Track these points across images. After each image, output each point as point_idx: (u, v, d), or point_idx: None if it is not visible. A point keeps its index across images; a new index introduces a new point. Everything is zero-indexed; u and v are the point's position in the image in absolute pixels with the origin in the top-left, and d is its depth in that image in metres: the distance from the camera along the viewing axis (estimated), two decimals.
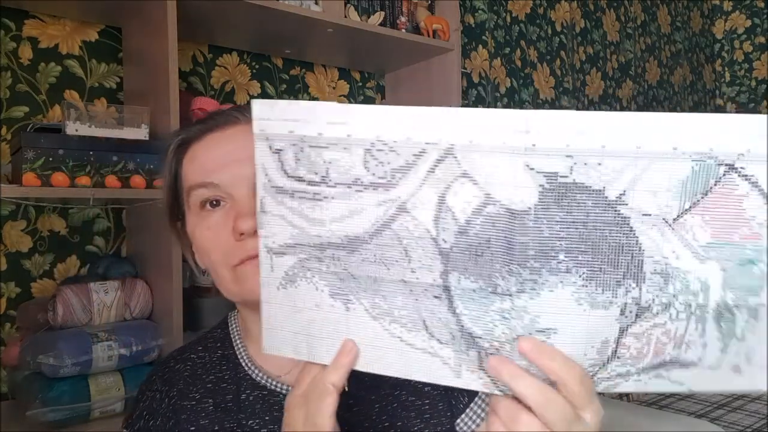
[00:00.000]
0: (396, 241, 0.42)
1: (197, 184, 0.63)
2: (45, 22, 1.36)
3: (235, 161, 0.62)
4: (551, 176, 0.37)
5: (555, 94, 2.59)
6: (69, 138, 1.10)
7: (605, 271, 0.38)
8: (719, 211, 0.37)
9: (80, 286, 1.16)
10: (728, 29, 3.57)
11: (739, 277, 0.38)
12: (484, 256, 0.40)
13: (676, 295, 0.39)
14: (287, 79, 1.77)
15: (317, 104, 0.43)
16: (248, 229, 0.59)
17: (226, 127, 0.65)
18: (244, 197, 0.61)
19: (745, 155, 0.36)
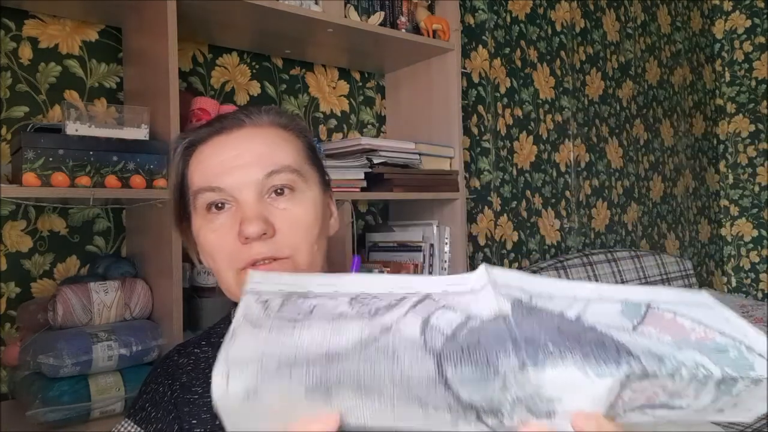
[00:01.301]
0: (382, 354, 0.41)
1: (203, 187, 0.64)
2: (45, 22, 1.36)
3: (241, 165, 0.63)
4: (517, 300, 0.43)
5: (555, 94, 2.59)
6: (69, 138, 1.10)
7: (597, 355, 0.40)
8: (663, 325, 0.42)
9: (80, 286, 1.16)
10: (728, 29, 3.57)
11: (723, 361, 0.41)
12: (477, 350, 0.41)
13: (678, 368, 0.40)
14: (287, 79, 1.77)
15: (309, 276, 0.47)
16: (253, 233, 0.60)
17: (232, 131, 0.65)
18: (249, 201, 0.62)
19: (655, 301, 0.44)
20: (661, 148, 3.16)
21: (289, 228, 0.63)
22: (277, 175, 0.64)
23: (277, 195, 0.64)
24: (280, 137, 0.67)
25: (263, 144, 0.65)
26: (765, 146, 3.43)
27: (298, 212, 0.64)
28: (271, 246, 0.62)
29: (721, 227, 3.58)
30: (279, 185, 0.64)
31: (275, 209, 0.63)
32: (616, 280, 2.32)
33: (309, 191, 0.66)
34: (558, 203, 2.57)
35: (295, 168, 0.65)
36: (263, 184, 0.63)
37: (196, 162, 0.66)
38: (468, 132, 2.21)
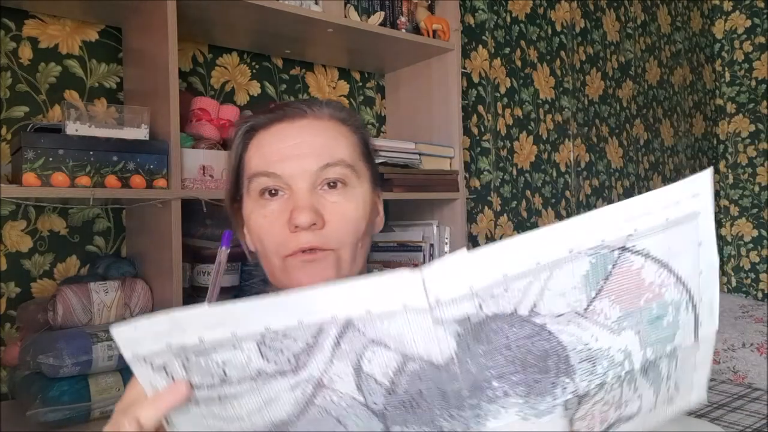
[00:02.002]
0: (326, 414, 0.40)
1: (259, 172, 0.65)
2: (45, 22, 1.36)
3: (298, 155, 0.64)
4: (464, 321, 0.37)
5: (555, 94, 2.59)
6: (69, 138, 1.10)
7: (538, 381, 0.40)
8: (622, 288, 0.40)
9: (80, 286, 1.16)
10: (728, 29, 3.57)
11: (653, 334, 0.42)
12: (421, 407, 0.39)
13: (605, 373, 0.41)
14: (287, 79, 1.77)
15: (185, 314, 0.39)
16: (303, 223, 0.61)
17: (294, 119, 0.67)
18: (302, 191, 0.63)
19: (633, 235, 0.39)
20: (661, 148, 3.16)
21: (338, 221, 0.64)
22: (332, 168, 0.65)
23: (330, 188, 0.65)
24: (339, 131, 0.68)
25: (321, 136, 0.66)
26: (765, 146, 3.43)
27: (347, 207, 0.65)
28: (319, 237, 0.63)
29: (721, 227, 3.58)
30: (332, 178, 0.65)
31: (326, 201, 0.64)
32: None
33: (360, 187, 0.67)
34: (558, 203, 2.58)
35: (350, 163, 0.66)
36: (317, 175, 0.64)
37: (255, 146, 0.67)
38: (468, 132, 2.21)
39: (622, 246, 0.39)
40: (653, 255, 0.40)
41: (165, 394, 0.41)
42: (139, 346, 0.40)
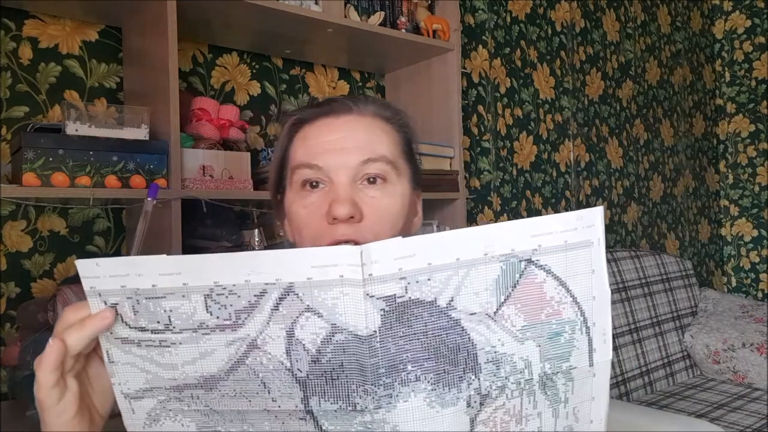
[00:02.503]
0: (252, 375, 0.44)
1: (302, 164, 0.67)
2: (45, 22, 1.36)
3: (341, 149, 0.65)
4: (390, 299, 0.41)
5: (555, 94, 2.59)
6: (69, 138, 1.10)
7: (448, 371, 0.44)
8: (527, 298, 0.45)
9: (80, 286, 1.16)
10: (728, 29, 3.57)
11: (551, 349, 0.46)
12: (339, 379, 0.43)
13: (507, 377, 0.45)
14: (287, 79, 1.77)
15: (145, 259, 0.42)
16: (341, 215, 0.62)
17: (339, 115, 0.68)
18: (343, 184, 0.65)
19: (538, 250, 0.44)
20: (661, 148, 3.16)
21: (376, 216, 0.65)
22: (373, 164, 0.66)
23: (369, 183, 0.66)
24: (382, 128, 0.69)
25: (365, 132, 0.68)
26: (765, 146, 3.43)
27: (386, 203, 0.66)
28: (356, 230, 0.64)
29: (721, 227, 3.58)
30: (372, 174, 0.66)
31: (365, 196, 0.66)
32: (616, 280, 2.32)
33: (399, 185, 0.68)
34: (558, 203, 2.57)
35: (391, 160, 0.67)
36: (358, 170, 0.66)
37: (300, 139, 0.69)
38: (468, 132, 2.21)
39: (529, 258, 0.44)
40: (554, 272, 0.45)
41: (92, 319, 0.45)
42: (98, 282, 0.45)
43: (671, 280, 2.57)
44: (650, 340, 2.34)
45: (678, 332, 2.48)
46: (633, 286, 2.38)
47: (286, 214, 0.71)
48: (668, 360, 2.38)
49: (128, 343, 0.46)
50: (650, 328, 2.37)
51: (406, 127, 0.73)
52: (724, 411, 2.05)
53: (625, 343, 2.23)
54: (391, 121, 0.71)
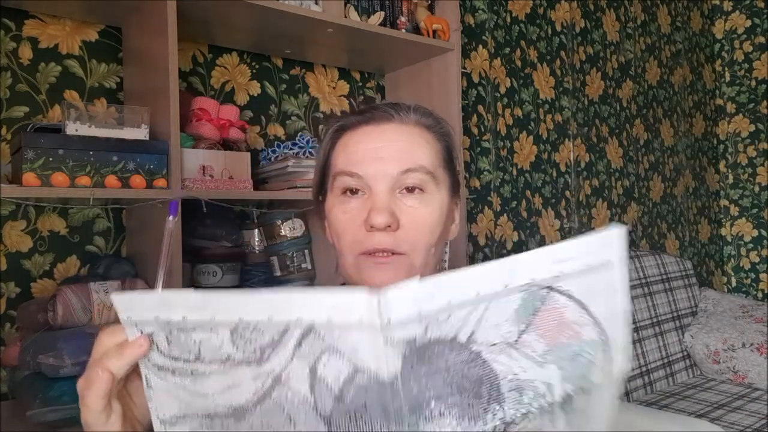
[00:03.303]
0: (279, 408, 0.44)
1: (343, 171, 0.68)
2: (45, 22, 1.36)
3: (381, 158, 0.67)
4: (410, 342, 0.41)
5: (555, 94, 2.59)
6: (69, 138, 1.10)
7: (473, 405, 0.44)
8: (548, 324, 0.45)
9: (80, 286, 1.16)
10: (728, 29, 3.57)
11: (572, 370, 0.46)
12: (363, 418, 0.43)
13: (530, 403, 0.46)
14: (287, 79, 1.77)
15: (175, 295, 0.45)
16: (379, 223, 0.64)
17: (380, 123, 0.69)
18: (382, 192, 0.66)
19: (560, 276, 0.44)
20: (661, 148, 3.16)
21: (412, 226, 0.66)
22: (412, 174, 0.67)
23: (408, 192, 0.67)
24: (422, 137, 0.70)
25: (405, 141, 0.68)
26: (765, 146, 3.43)
27: (423, 212, 0.67)
28: (392, 239, 0.66)
29: (721, 227, 3.58)
30: (411, 184, 0.67)
31: (403, 205, 0.67)
32: None
33: (438, 194, 0.69)
34: (558, 203, 2.58)
35: (429, 170, 0.68)
36: (397, 179, 0.67)
37: (342, 145, 0.70)
38: (468, 132, 2.21)
39: (550, 286, 0.44)
40: (575, 296, 0.45)
41: (130, 347, 0.48)
42: (133, 313, 0.47)
43: (671, 280, 2.57)
44: (650, 340, 2.34)
45: (678, 332, 2.48)
46: (633, 286, 2.38)
47: (327, 217, 0.72)
48: (668, 360, 2.38)
49: (163, 371, 0.48)
50: (650, 328, 2.37)
51: (447, 135, 0.74)
52: (724, 411, 2.05)
53: None
54: (432, 129, 0.72)
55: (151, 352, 0.48)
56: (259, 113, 1.71)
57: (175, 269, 1.19)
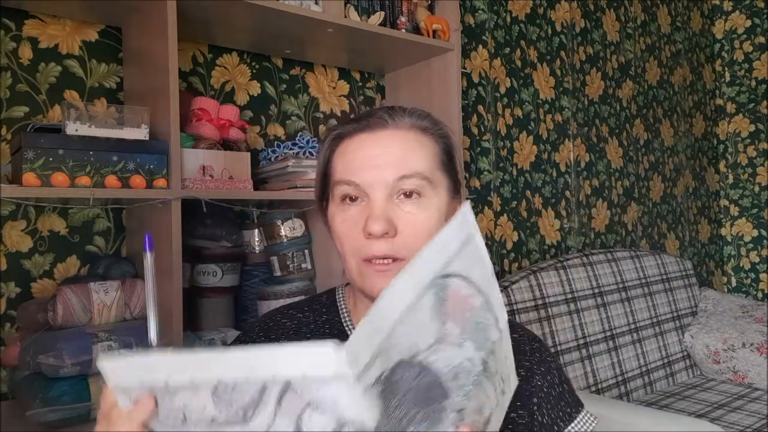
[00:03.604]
0: None
1: (341, 180, 0.69)
2: (45, 22, 1.36)
3: (377, 165, 0.68)
4: (379, 379, 0.42)
5: (555, 94, 2.59)
6: (69, 138, 1.10)
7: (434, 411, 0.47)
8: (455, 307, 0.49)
9: (80, 286, 1.16)
10: (728, 29, 3.57)
11: (479, 338, 0.51)
12: None
13: (465, 383, 0.49)
14: (287, 79, 1.77)
15: (152, 359, 0.46)
16: (375, 232, 0.65)
17: (376, 130, 0.70)
18: (378, 200, 0.67)
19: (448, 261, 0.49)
20: (661, 148, 3.16)
21: (411, 231, 0.67)
22: (408, 180, 0.68)
23: (405, 198, 0.68)
24: (418, 141, 0.70)
25: (400, 147, 0.69)
26: (765, 146, 3.43)
27: (421, 217, 0.68)
28: (391, 245, 0.67)
29: (721, 227, 3.58)
30: (407, 189, 0.68)
31: (401, 211, 0.68)
32: (616, 280, 2.32)
33: (436, 197, 0.70)
34: (558, 203, 2.58)
35: (426, 175, 0.69)
36: (394, 186, 0.67)
37: (340, 153, 0.71)
38: (468, 132, 2.21)
39: (445, 273, 0.48)
40: (461, 273, 0.49)
41: (134, 411, 0.48)
42: (119, 379, 0.47)
43: (671, 280, 2.57)
44: (650, 340, 2.34)
45: (678, 332, 2.48)
46: (633, 286, 2.38)
47: (330, 224, 0.74)
48: (668, 360, 2.38)
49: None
50: (650, 328, 2.37)
51: (445, 137, 0.74)
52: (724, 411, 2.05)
53: (625, 343, 2.23)
54: (430, 131, 0.72)
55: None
56: (259, 113, 1.71)
57: (175, 269, 1.19)
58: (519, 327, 0.80)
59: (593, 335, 2.13)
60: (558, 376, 0.77)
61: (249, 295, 1.57)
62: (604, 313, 2.21)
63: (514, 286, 1.97)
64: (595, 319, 2.17)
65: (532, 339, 0.78)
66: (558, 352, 1.99)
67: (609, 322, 2.21)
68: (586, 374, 2.05)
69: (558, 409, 0.74)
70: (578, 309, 2.12)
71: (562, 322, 2.05)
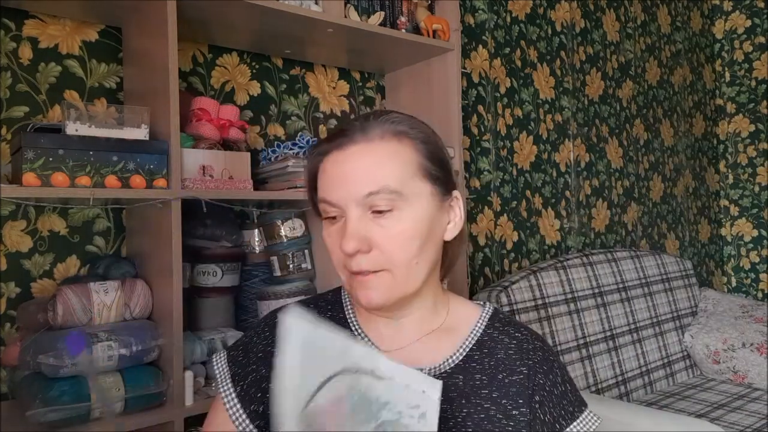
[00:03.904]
0: None
1: (322, 199, 0.71)
2: (45, 22, 1.36)
3: (348, 182, 0.68)
4: None
5: (555, 94, 2.59)
6: (69, 138, 1.10)
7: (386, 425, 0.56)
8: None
9: (80, 286, 1.16)
10: (728, 29, 3.57)
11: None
12: None
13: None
14: (287, 79, 1.77)
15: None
16: (347, 251, 0.67)
17: (346, 147, 0.70)
18: (352, 218, 0.68)
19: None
20: (661, 148, 3.17)
21: (387, 245, 0.68)
22: (376, 196, 0.67)
23: (378, 213, 0.68)
24: (389, 152, 0.69)
25: (369, 163, 0.69)
26: (765, 146, 3.43)
27: (395, 231, 0.68)
28: (368, 260, 0.68)
29: (721, 227, 3.58)
30: (378, 206, 0.68)
31: (376, 225, 0.68)
32: (616, 280, 2.32)
33: (410, 208, 0.69)
34: (558, 203, 2.58)
35: (394, 189, 0.68)
36: (364, 201, 0.68)
37: (321, 171, 0.72)
38: (468, 132, 2.21)
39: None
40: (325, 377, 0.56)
41: None
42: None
43: (671, 280, 2.57)
44: (650, 340, 2.34)
45: (678, 332, 2.48)
46: (633, 286, 2.38)
47: None
48: (668, 360, 2.38)
49: None
50: (650, 328, 2.37)
51: (426, 138, 0.73)
52: (724, 411, 2.05)
53: (625, 343, 2.23)
54: (407, 136, 0.71)
55: None
56: (259, 113, 1.71)
57: (175, 269, 1.19)
58: (522, 326, 0.80)
59: (593, 335, 2.13)
60: (561, 375, 0.77)
61: (249, 295, 1.57)
62: (604, 313, 2.21)
63: (514, 286, 1.96)
64: (595, 319, 2.17)
65: (534, 338, 0.79)
66: (558, 352, 1.99)
67: (609, 322, 2.21)
68: (586, 374, 2.05)
69: (560, 407, 0.74)
70: (578, 309, 2.12)
71: (562, 322, 2.05)
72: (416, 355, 0.74)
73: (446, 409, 0.70)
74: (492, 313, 0.81)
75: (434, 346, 0.76)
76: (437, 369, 0.74)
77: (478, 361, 0.75)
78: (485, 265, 2.26)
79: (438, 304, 0.78)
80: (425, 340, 0.76)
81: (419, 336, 0.76)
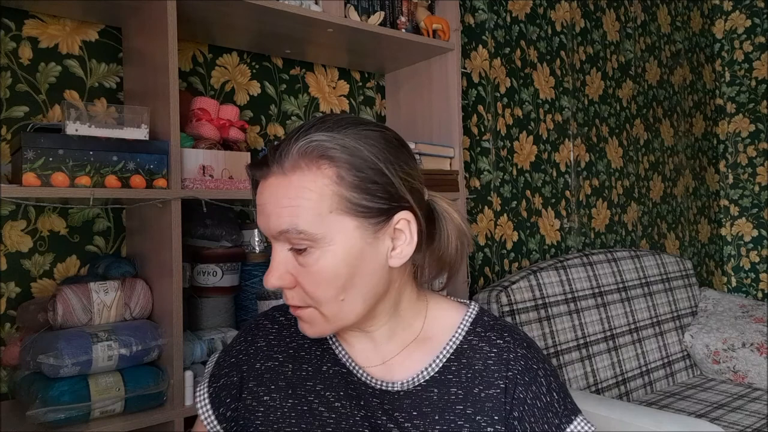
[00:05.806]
0: None
1: None
2: (45, 22, 1.36)
3: (265, 215, 0.65)
4: None
5: (555, 94, 2.59)
6: (69, 138, 1.10)
7: None
8: None
9: (80, 286, 1.16)
10: (728, 29, 3.57)
11: None
12: None
13: None
14: (287, 79, 1.77)
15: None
16: (268, 287, 0.65)
17: (266, 176, 0.66)
18: (277, 252, 0.66)
19: None
20: (661, 148, 3.16)
21: (307, 284, 0.65)
22: (287, 234, 0.63)
23: (296, 252, 0.65)
24: (301, 186, 0.62)
25: (279, 198, 0.63)
26: (765, 146, 3.43)
27: (314, 269, 0.64)
28: (295, 296, 0.66)
29: (721, 227, 3.58)
30: (292, 244, 0.64)
31: (296, 262, 0.65)
32: (616, 280, 2.32)
33: (328, 246, 0.63)
34: (558, 203, 2.58)
35: (302, 230, 0.62)
36: (280, 238, 0.65)
37: None
38: (468, 132, 2.21)
39: None
40: None
41: None
42: None
43: (671, 280, 2.57)
44: (650, 340, 2.34)
45: (678, 332, 2.48)
46: (633, 286, 2.38)
47: None
48: (668, 360, 2.38)
49: None
50: (650, 328, 2.37)
51: (352, 161, 0.63)
52: (724, 411, 2.05)
53: (625, 343, 2.23)
54: (328, 162, 0.62)
55: None
56: (259, 113, 1.71)
57: (175, 269, 1.19)
58: (506, 330, 0.74)
59: (593, 335, 2.13)
60: (546, 384, 0.71)
61: (249, 295, 1.57)
62: (604, 313, 2.21)
63: (514, 286, 1.97)
64: (595, 319, 2.17)
65: (518, 344, 0.72)
66: (558, 352, 1.99)
67: (609, 322, 2.21)
68: (586, 374, 2.05)
69: (544, 421, 0.69)
70: (578, 309, 2.12)
71: (562, 322, 2.05)
72: (390, 368, 0.72)
73: (419, 425, 0.68)
74: (475, 317, 0.75)
75: (409, 358, 0.72)
76: (411, 383, 0.70)
77: (455, 373, 0.71)
78: (485, 265, 2.26)
79: (411, 312, 0.73)
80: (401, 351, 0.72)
81: (394, 346, 0.73)
